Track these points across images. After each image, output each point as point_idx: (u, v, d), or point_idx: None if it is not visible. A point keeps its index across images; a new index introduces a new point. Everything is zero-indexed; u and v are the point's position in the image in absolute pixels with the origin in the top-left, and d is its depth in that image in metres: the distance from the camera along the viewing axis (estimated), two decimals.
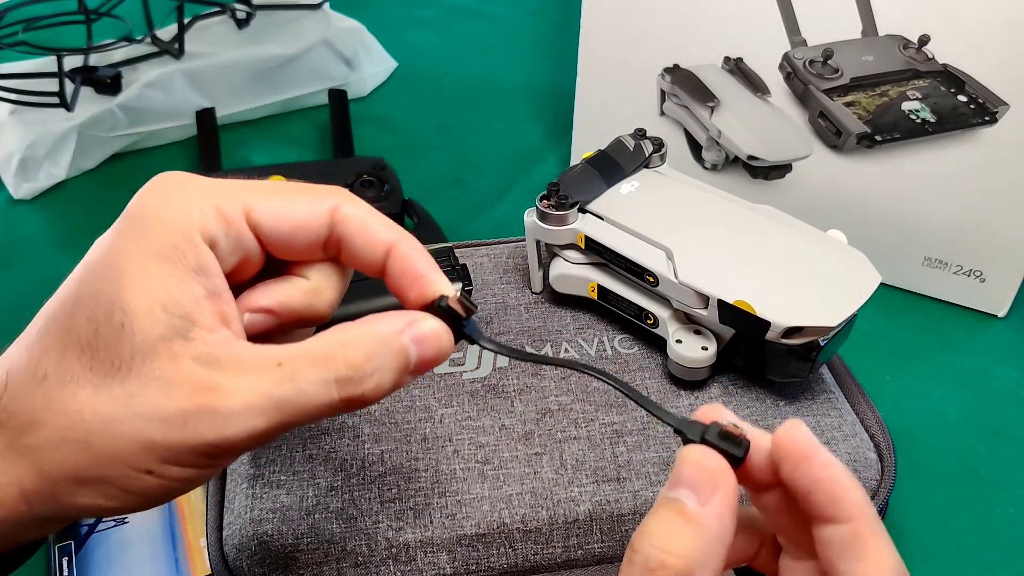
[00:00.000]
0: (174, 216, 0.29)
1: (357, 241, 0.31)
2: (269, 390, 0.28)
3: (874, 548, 0.27)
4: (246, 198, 0.30)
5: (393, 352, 0.29)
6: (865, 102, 0.55)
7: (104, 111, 0.69)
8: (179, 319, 0.28)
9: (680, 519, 0.26)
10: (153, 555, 0.44)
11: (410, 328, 0.30)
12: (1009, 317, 0.59)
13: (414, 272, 0.31)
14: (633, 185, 0.47)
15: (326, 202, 0.31)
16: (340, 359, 0.29)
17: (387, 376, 0.29)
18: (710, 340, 0.43)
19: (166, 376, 0.27)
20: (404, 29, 0.88)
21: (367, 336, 0.29)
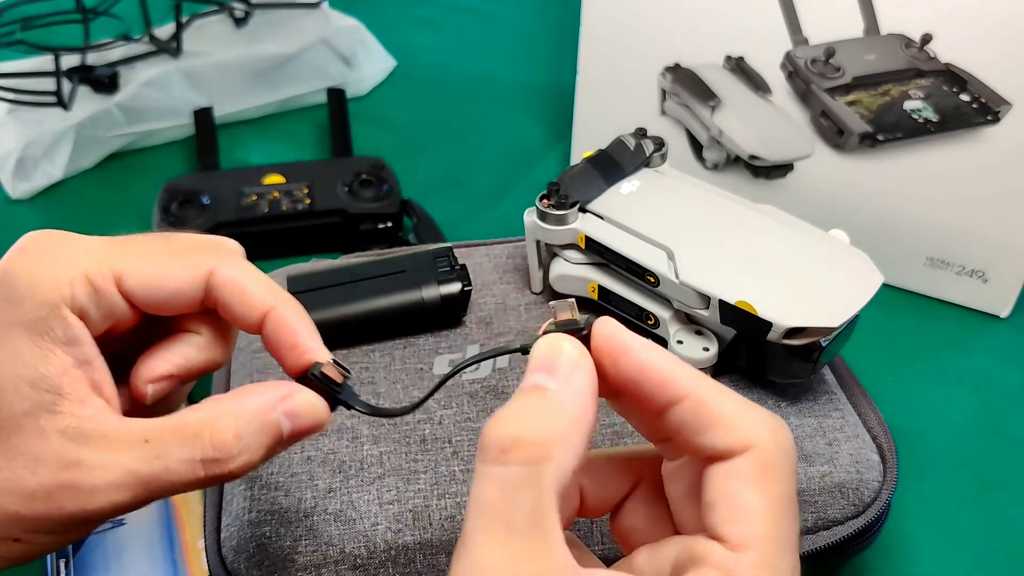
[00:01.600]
0: (43, 288, 0.29)
1: (233, 306, 0.31)
2: (134, 467, 0.28)
3: (719, 411, 0.26)
4: (117, 265, 0.30)
5: (263, 429, 0.29)
6: (867, 101, 0.55)
7: (101, 110, 0.68)
8: (45, 393, 0.28)
9: (534, 397, 0.26)
10: (151, 557, 0.44)
11: (283, 403, 0.30)
12: (1012, 318, 0.58)
13: (290, 340, 0.31)
14: (634, 185, 0.47)
15: (202, 265, 0.31)
16: (207, 439, 0.29)
17: (256, 453, 0.29)
18: (711, 341, 0.43)
19: (32, 452, 0.28)
20: (403, 28, 0.87)
21: (236, 414, 0.29)
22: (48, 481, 0.28)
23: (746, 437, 0.26)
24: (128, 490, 0.28)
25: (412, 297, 0.46)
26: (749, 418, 0.26)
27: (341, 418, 0.42)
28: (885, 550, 0.46)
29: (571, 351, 0.27)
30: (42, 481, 0.28)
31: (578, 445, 0.25)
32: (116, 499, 0.28)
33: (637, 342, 0.27)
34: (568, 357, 0.27)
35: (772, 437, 0.26)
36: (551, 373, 0.26)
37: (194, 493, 0.46)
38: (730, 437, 0.26)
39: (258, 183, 0.62)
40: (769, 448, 0.26)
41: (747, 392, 0.44)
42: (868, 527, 0.41)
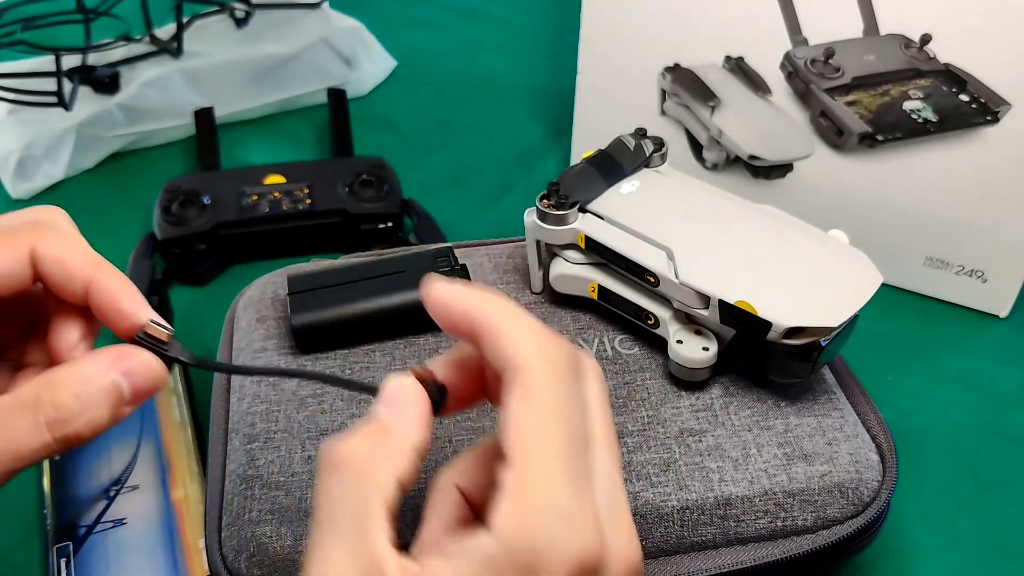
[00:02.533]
0: None
1: (57, 279, 0.32)
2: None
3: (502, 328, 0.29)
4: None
5: (102, 389, 0.30)
6: (867, 101, 0.55)
7: (102, 110, 0.69)
8: None
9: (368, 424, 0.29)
10: (152, 556, 0.44)
11: (117, 362, 0.31)
12: (1011, 317, 0.58)
13: (114, 306, 0.32)
14: (633, 185, 0.47)
15: (23, 245, 0.32)
16: (47, 402, 0.29)
17: (99, 412, 0.30)
18: (711, 340, 0.43)
19: None
20: (404, 28, 0.87)
21: (74, 376, 0.30)
22: None
23: (522, 358, 0.28)
24: None
25: (413, 297, 0.46)
26: (521, 334, 0.28)
27: (342, 417, 0.43)
28: (884, 549, 0.46)
29: (397, 384, 0.30)
30: None
31: (403, 460, 0.28)
32: None
33: (444, 288, 0.30)
34: (392, 389, 0.30)
35: (542, 359, 0.28)
36: (389, 406, 0.29)
37: (195, 493, 0.47)
38: (504, 355, 0.28)
39: (259, 183, 0.62)
40: (538, 369, 0.28)
41: (747, 392, 0.44)
42: (867, 526, 0.41)
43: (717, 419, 0.43)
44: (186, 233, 0.59)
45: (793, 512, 0.40)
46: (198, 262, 0.60)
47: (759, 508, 0.40)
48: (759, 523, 0.40)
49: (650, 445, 0.41)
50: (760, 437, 0.42)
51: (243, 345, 0.47)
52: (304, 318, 0.45)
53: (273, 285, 0.50)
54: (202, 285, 0.60)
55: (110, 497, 0.47)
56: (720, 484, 0.40)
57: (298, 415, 0.43)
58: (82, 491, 0.47)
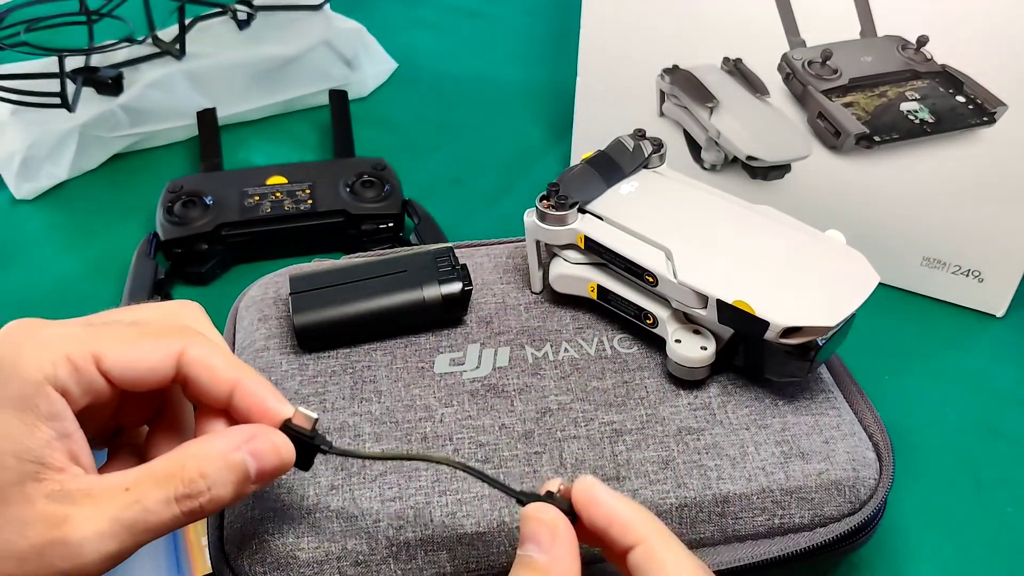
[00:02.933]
0: (27, 368, 0.31)
1: (202, 383, 0.34)
2: (117, 515, 0.30)
3: (662, 560, 0.31)
4: (95, 347, 0.32)
5: (229, 467, 0.32)
6: (864, 103, 0.55)
7: (105, 111, 0.69)
8: (30, 464, 0.30)
9: (527, 570, 0.31)
10: (154, 554, 0.44)
11: (247, 443, 0.33)
12: (1007, 317, 0.59)
13: (260, 407, 0.34)
14: (632, 185, 0.47)
15: (172, 346, 0.34)
16: (178, 478, 0.31)
17: (224, 490, 0.32)
18: (709, 340, 0.43)
19: (20, 517, 0.30)
20: (404, 29, 0.88)
21: (203, 454, 0.32)
22: (38, 541, 0.29)
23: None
24: (114, 538, 0.30)
25: (413, 297, 0.46)
26: (680, 571, 0.31)
27: (343, 417, 0.43)
28: (881, 548, 0.46)
29: (551, 523, 0.32)
30: (32, 542, 0.29)
31: None
32: (104, 549, 0.30)
33: (606, 495, 0.32)
34: (548, 529, 0.32)
35: None
36: (537, 544, 0.31)
37: None
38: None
39: (261, 184, 0.63)
40: None
41: (745, 391, 0.44)
42: (864, 524, 0.41)
43: (715, 418, 0.43)
44: (189, 233, 0.59)
45: (790, 510, 0.40)
46: (200, 262, 0.60)
47: (756, 506, 0.40)
48: (756, 521, 0.40)
49: (648, 443, 0.42)
50: (758, 435, 0.42)
51: (245, 344, 0.47)
52: (306, 317, 0.45)
53: (275, 285, 0.50)
54: (204, 285, 0.61)
55: None
56: (718, 482, 0.40)
57: None
58: None
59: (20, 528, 0.30)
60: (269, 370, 0.45)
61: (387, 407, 0.43)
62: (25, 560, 0.30)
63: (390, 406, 0.43)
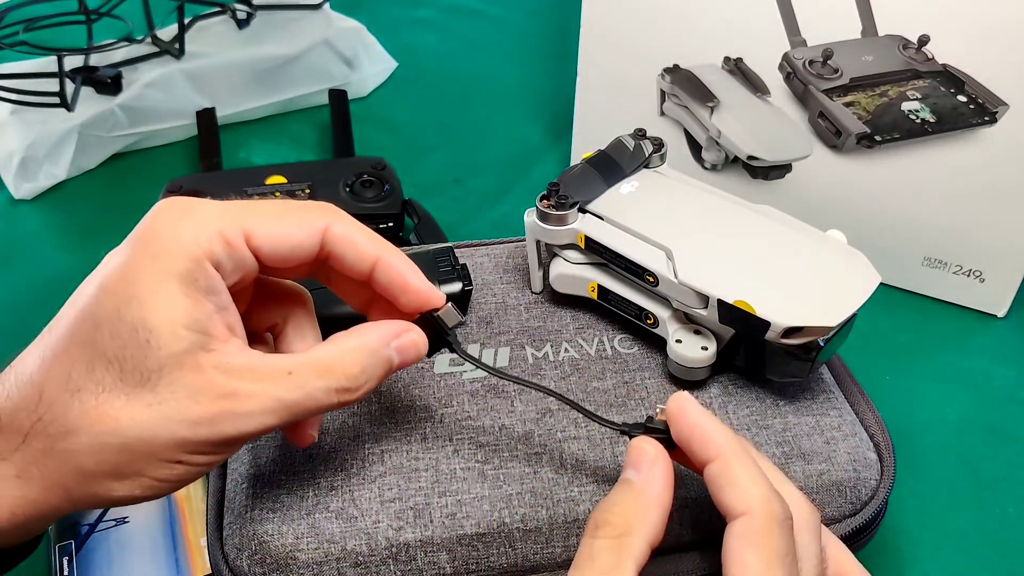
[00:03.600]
0: (186, 243, 0.33)
1: (347, 257, 0.36)
2: (281, 395, 0.33)
3: (734, 475, 0.33)
4: (246, 223, 0.34)
5: (382, 362, 0.35)
6: (865, 102, 0.55)
7: (104, 111, 0.69)
8: (199, 334, 0.32)
9: (623, 488, 0.34)
10: (153, 554, 0.44)
11: (396, 339, 0.36)
12: (1009, 317, 0.59)
13: (403, 283, 0.36)
14: (633, 185, 0.47)
15: (318, 222, 0.35)
16: (340, 371, 0.34)
17: (374, 381, 0.35)
18: (710, 340, 0.43)
19: (193, 384, 0.32)
20: (404, 29, 0.88)
21: (361, 349, 0.35)
22: (212, 410, 0.32)
23: (745, 502, 0.33)
24: (276, 414, 0.33)
25: None
26: (751, 486, 0.33)
27: (343, 417, 0.43)
28: (882, 548, 0.46)
29: (650, 452, 0.34)
30: (206, 409, 0.32)
31: (654, 521, 0.33)
32: (266, 421, 0.33)
33: (695, 411, 0.35)
34: (648, 457, 0.34)
35: (764, 505, 0.32)
36: (636, 469, 0.34)
37: (197, 490, 0.47)
38: (733, 499, 0.33)
39: (260, 183, 0.63)
40: (758, 514, 0.32)
41: (746, 391, 0.44)
42: (865, 525, 0.41)
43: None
44: None
45: None
46: None
47: None
48: None
49: None
50: (758, 436, 0.42)
51: None
52: None
53: None
54: None
55: None
56: None
57: None
58: None
59: (194, 395, 0.32)
60: None
61: (387, 407, 0.43)
62: (198, 424, 0.32)
63: (390, 406, 0.43)
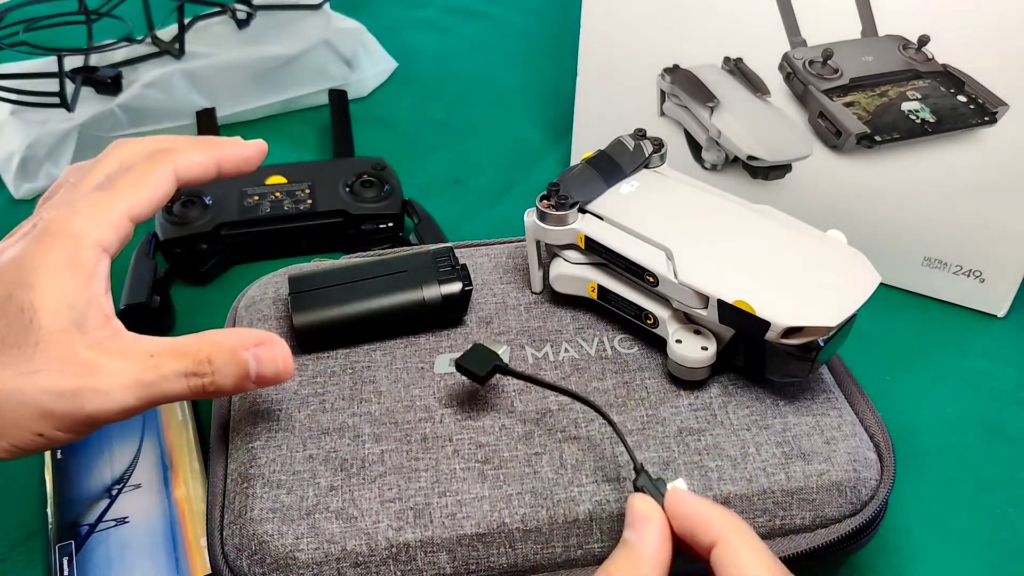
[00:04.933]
0: (77, 234, 0.37)
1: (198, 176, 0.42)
2: (140, 375, 0.36)
3: (740, 554, 0.33)
4: (123, 204, 0.38)
5: (234, 362, 0.37)
6: (865, 102, 0.55)
7: (104, 111, 0.69)
8: (78, 314, 0.36)
9: (620, 548, 0.35)
10: (153, 555, 0.44)
11: (255, 347, 0.38)
12: (1009, 317, 0.59)
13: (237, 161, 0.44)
14: (633, 185, 0.47)
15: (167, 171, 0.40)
16: (191, 357, 0.37)
17: (225, 379, 0.37)
18: (710, 340, 0.43)
19: (63, 358, 0.35)
20: (404, 29, 0.88)
21: (215, 343, 0.37)
22: (76, 383, 0.35)
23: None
24: (133, 393, 0.35)
25: (413, 297, 0.46)
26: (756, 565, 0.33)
27: (342, 417, 0.43)
28: (882, 548, 0.46)
29: (644, 510, 0.35)
30: (72, 382, 0.35)
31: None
32: (124, 400, 0.35)
33: (692, 499, 0.35)
34: (641, 516, 0.35)
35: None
36: (632, 528, 0.35)
37: (197, 491, 0.47)
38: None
39: (260, 184, 0.63)
40: None
41: (745, 391, 0.44)
42: (865, 525, 0.41)
43: (716, 418, 0.43)
44: (188, 233, 0.59)
45: (791, 511, 0.40)
46: (200, 262, 0.60)
47: (757, 507, 0.40)
48: (757, 522, 0.40)
49: (649, 444, 0.42)
50: (758, 436, 0.42)
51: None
52: (306, 318, 0.45)
53: (275, 285, 0.50)
54: (204, 285, 0.61)
55: (112, 496, 0.47)
56: (719, 483, 0.40)
57: (299, 414, 0.43)
58: (84, 490, 0.47)
59: (62, 368, 0.35)
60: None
61: (387, 408, 0.43)
62: (61, 396, 0.34)
63: (390, 407, 0.43)
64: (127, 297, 0.55)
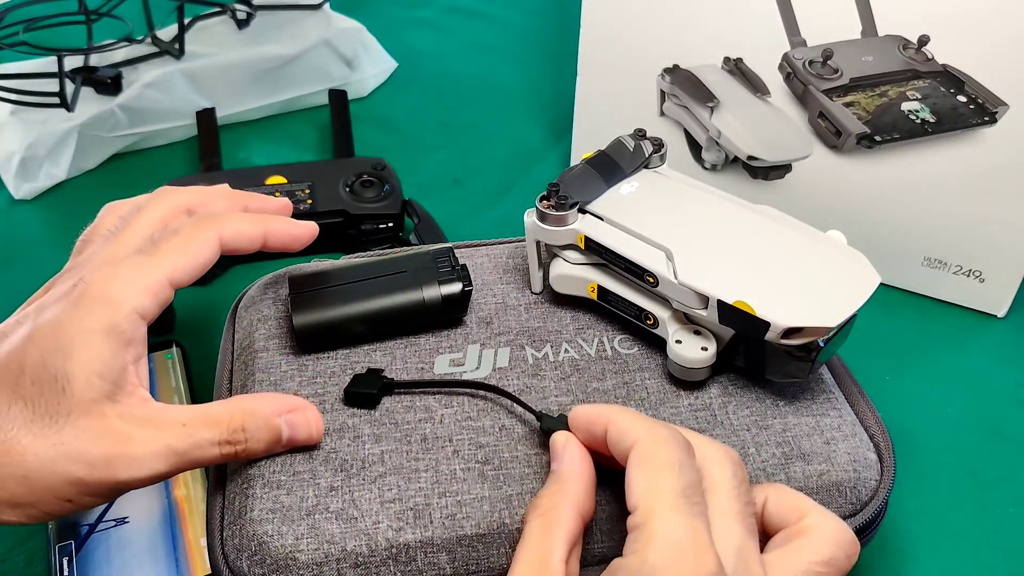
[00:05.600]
0: (115, 300, 0.37)
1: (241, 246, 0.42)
2: (172, 443, 0.37)
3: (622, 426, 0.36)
4: (164, 270, 0.39)
5: (267, 428, 0.39)
6: (865, 102, 0.55)
7: (104, 111, 0.69)
8: (109, 384, 0.36)
9: (551, 478, 0.37)
10: (153, 555, 0.44)
11: (288, 413, 0.39)
12: (1008, 317, 0.59)
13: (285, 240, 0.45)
14: (633, 185, 0.47)
15: (211, 237, 0.41)
16: (225, 425, 0.38)
17: (258, 445, 0.39)
18: (710, 340, 0.43)
19: (95, 429, 0.36)
20: (404, 29, 0.88)
21: (249, 411, 0.39)
22: (108, 452, 0.35)
23: (629, 438, 0.35)
24: (166, 461, 0.36)
25: (413, 297, 0.46)
26: (633, 423, 0.36)
27: (343, 417, 0.43)
28: (882, 549, 0.46)
29: (560, 439, 0.38)
30: (103, 452, 0.35)
31: (576, 493, 0.36)
32: (156, 467, 0.36)
33: (582, 409, 0.38)
34: (559, 443, 0.38)
35: (647, 432, 0.35)
36: (554, 459, 0.38)
37: (197, 491, 0.47)
38: (623, 442, 0.36)
39: (260, 184, 0.63)
40: (642, 439, 0.35)
41: (745, 391, 0.44)
42: (865, 526, 0.41)
43: (716, 419, 0.43)
44: None
45: None
46: None
47: None
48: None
49: None
50: (758, 436, 0.42)
51: (245, 345, 0.47)
52: (305, 318, 0.45)
53: (274, 285, 0.50)
54: (204, 285, 0.61)
55: None
56: None
57: None
58: None
59: (94, 438, 0.35)
60: (268, 370, 0.45)
61: (387, 408, 0.43)
62: (94, 465, 0.35)
63: (390, 407, 0.43)
64: None
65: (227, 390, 0.46)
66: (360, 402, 0.43)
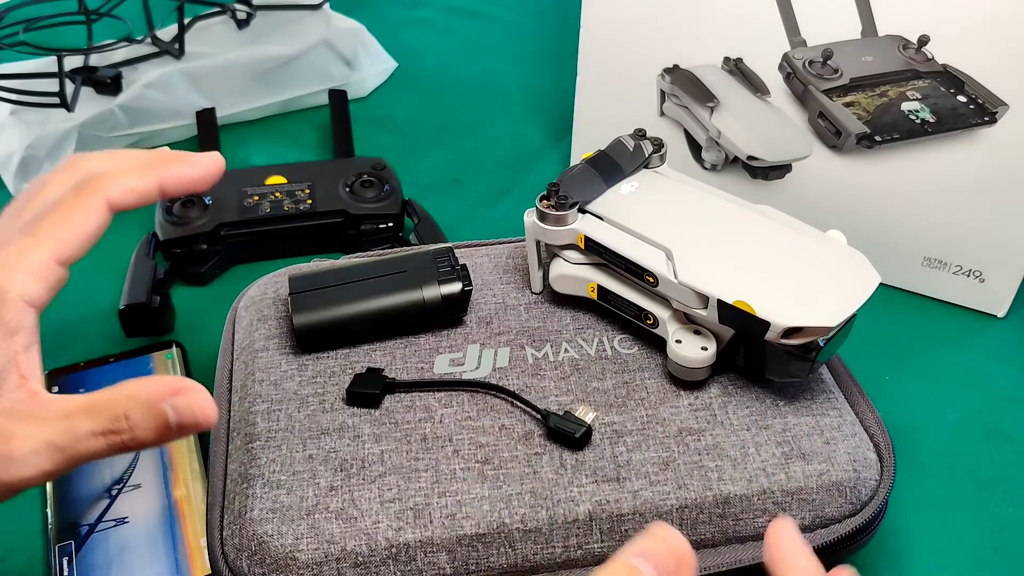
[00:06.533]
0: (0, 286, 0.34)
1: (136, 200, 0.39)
2: (53, 439, 0.33)
3: None
4: (49, 250, 0.36)
5: (152, 415, 0.34)
6: (865, 102, 0.55)
7: (104, 111, 0.69)
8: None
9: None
10: (153, 555, 0.44)
11: (172, 396, 0.35)
12: (1008, 317, 0.59)
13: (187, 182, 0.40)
14: (633, 185, 0.47)
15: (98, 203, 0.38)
16: (107, 413, 0.34)
17: (145, 433, 0.34)
18: (710, 340, 0.43)
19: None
20: (404, 29, 0.88)
21: (129, 398, 0.34)
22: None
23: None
24: (49, 457, 0.33)
25: (413, 297, 0.46)
26: None
27: (342, 417, 0.43)
28: (882, 548, 0.46)
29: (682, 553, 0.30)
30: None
31: None
32: (40, 465, 0.33)
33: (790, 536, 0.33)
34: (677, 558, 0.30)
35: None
36: (655, 564, 0.29)
37: (197, 491, 0.47)
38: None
39: (260, 184, 0.63)
40: None
41: (745, 391, 0.44)
42: (865, 525, 0.41)
43: (716, 418, 0.43)
44: (188, 233, 0.59)
45: (791, 511, 0.40)
46: (200, 262, 0.60)
47: (757, 507, 0.40)
48: (757, 522, 0.40)
49: (649, 444, 0.42)
50: (758, 436, 0.42)
51: (245, 344, 0.47)
52: (305, 318, 0.45)
53: (274, 285, 0.50)
54: (204, 285, 0.61)
55: (112, 496, 0.47)
56: (719, 483, 0.40)
57: (299, 414, 0.43)
58: (84, 490, 0.47)
59: None
60: (268, 370, 0.45)
61: (386, 408, 0.43)
62: None
63: (390, 407, 0.43)
64: (127, 297, 0.55)
65: (227, 390, 0.46)
66: (363, 402, 0.43)
